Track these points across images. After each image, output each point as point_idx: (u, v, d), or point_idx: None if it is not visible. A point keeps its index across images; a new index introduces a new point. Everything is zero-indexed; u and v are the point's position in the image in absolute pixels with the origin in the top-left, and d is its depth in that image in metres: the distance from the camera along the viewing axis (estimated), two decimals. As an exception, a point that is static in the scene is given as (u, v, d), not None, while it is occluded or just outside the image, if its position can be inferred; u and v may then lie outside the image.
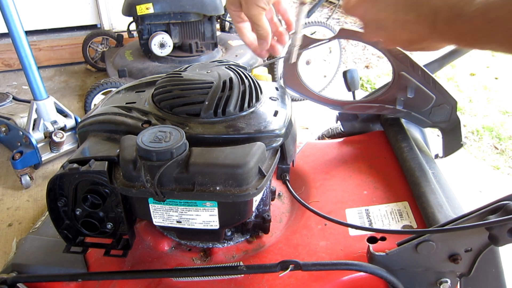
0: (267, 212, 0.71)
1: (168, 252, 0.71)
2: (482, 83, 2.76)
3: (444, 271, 0.61)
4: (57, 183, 0.59)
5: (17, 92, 2.58)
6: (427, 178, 0.75)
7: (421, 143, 0.93)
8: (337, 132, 1.17)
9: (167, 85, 0.64)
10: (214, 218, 0.57)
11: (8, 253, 1.43)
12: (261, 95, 0.67)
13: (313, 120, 2.27)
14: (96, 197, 0.59)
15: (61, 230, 0.62)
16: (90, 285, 0.66)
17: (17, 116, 1.81)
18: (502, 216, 0.51)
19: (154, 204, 0.56)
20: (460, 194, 0.75)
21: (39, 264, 0.69)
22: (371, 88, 2.74)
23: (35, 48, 2.80)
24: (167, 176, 0.52)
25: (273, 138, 0.60)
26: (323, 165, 0.90)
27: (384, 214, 0.73)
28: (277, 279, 0.62)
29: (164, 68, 2.19)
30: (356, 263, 0.58)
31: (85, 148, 0.62)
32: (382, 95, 0.90)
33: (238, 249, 0.71)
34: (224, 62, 0.71)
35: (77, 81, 2.78)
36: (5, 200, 1.70)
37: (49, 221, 0.68)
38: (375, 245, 0.65)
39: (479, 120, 2.35)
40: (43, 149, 1.78)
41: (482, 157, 2.04)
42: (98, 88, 2.00)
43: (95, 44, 2.75)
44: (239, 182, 0.53)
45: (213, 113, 0.60)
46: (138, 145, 0.51)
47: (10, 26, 1.55)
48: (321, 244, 0.69)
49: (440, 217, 0.65)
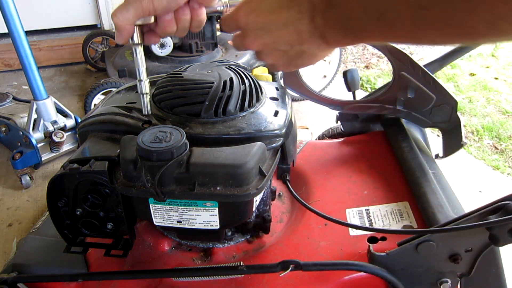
0: (268, 212, 0.71)
1: (169, 252, 0.71)
2: (482, 83, 2.76)
3: (444, 271, 0.61)
4: (57, 183, 0.59)
5: (17, 92, 2.58)
6: (427, 178, 0.75)
7: (421, 143, 0.93)
8: (337, 132, 1.18)
9: (168, 85, 0.64)
10: (214, 218, 0.57)
11: (8, 253, 1.43)
12: (261, 95, 0.67)
13: (313, 120, 2.27)
14: (96, 197, 0.59)
15: (62, 230, 0.62)
16: (91, 285, 0.66)
17: (17, 116, 1.81)
18: (502, 216, 0.51)
19: (155, 204, 0.56)
20: (460, 194, 0.75)
21: (39, 264, 0.69)
22: (371, 88, 2.74)
23: (35, 48, 2.80)
24: (168, 176, 0.52)
25: (274, 138, 0.60)
26: (323, 165, 0.90)
27: (384, 214, 0.73)
28: (277, 279, 0.62)
29: (164, 68, 2.18)
30: (356, 263, 0.58)
31: (86, 148, 0.62)
32: (382, 95, 0.90)
33: (238, 249, 0.71)
34: (224, 62, 0.71)
35: (77, 81, 2.78)
36: (5, 200, 1.70)
37: (49, 221, 0.68)
38: (375, 245, 0.65)
39: (479, 120, 2.35)
40: (43, 149, 1.78)
41: (482, 157, 2.04)
42: (98, 88, 2.00)
43: (95, 44, 2.75)
44: (239, 182, 0.53)
45: (213, 113, 0.60)
46: (138, 145, 0.51)
47: (10, 26, 1.55)
48: (321, 244, 0.69)
49: (441, 217, 0.65)
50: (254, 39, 0.48)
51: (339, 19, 0.40)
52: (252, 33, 0.47)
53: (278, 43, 0.47)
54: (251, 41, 0.48)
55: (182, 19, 0.54)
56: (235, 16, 0.48)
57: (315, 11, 0.41)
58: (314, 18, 0.41)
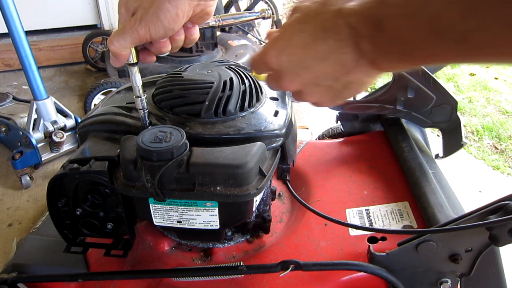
0: (268, 212, 0.71)
1: (169, 252, 0.71)
2: (482, 83, 2.76)
3: (444, 271, 0.61)
4: (57, 183, 0.59)
5: (17, 92, 2.58)
6: (427, 178, 0.75)
7: (421, 143, 0.93)
8: (338, 132, 1.18)
9: (168, 85, 0.64)
10: (214, 218, 0.57)
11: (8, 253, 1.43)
12: (261, 95, 0.67)
13: (313, 120, 2.27)
14: (96, 197, 0.59)
15: (62, 230, 0.62)
16: (91, 285, 0.66)
17: (17, 116, 1.81)
18: (502, 216, 0.51)
19: (155, 204, 0.56)
20: (460, 194, 0.75)
21: (39, 264, 0.69)
22: (371, 88, 2.74)
23: (35, 48, 2.80)
24: (168, 176, 0.52)
25: (274, 138, 0.60)
26: (323, 165, 0.90)
27: (384, 214, 0.73)
28: (277, 279, 0.62)
29: (164, 68, 2.18)
30: (356, 263, 0.58)
31: (86, 148, 0.62)
32: (382, 95, 0.90)
33: (238, 249, 0.71)
34: (224, 62, 0.71)
35: (77, 81, 2.78)
36: (5, 200, 1.70)
37: (50, 221, 0.68)
38: (375, 245, 0.65)
39: (479, 120, 2.35)
40: (43, 149, 1.78)
41: (482, 157, 2.04)
42: (98, 88, 2.00)
43: (95, 44, 2.75)
44: (239, 182, 0.53)
45: (213, 113, 0.60)
46: (138, 145, 0.51)
47: (10, 26, 1.55)
48: (321, 244, 0.69)
49: (441, 217, 0.65)
50: (291, 80, 0.43)
51: (393, 42, 0.34)
52: (288, 74, 0.43)
53: (319, 79, 0.42)
54: (289, 82, 0.44)
55: (176, 40, 0.54)
56: (265, 59, 0.44)
57: (358, 37, 0.36)
58: (359, 45, 0.37)
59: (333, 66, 0.39)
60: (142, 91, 0.57)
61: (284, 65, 0.43)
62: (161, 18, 0.49)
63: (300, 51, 0.40)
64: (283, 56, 0.42)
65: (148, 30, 0.49)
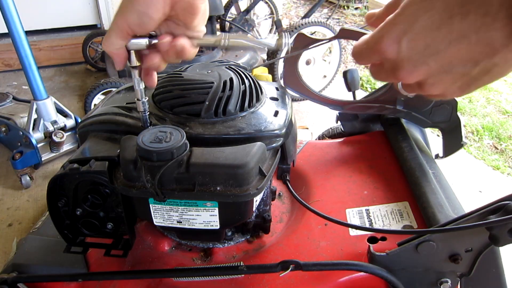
0: (268, 212, 0.71)
1: (169, 252, 0.71)
2: (482, 83, 2.75)
3: (444, 271, 0.61)
4: (57, 183, 0.59)
5: (17, 92, 2.58)
6: (427, 178, 0.75)
7: (421, 143, 0.93)
8: (338, 132, 1.18)
9: (168, 85, 0.64)
10: (214, 218, 0.57)
11: (8, 253, 1.43)
12: (261, 95, 0.67)
13: (313, 120, 2.27)
14: (96, 197, 0.59)
15: (62, 230, 0.62)
16: (91, 285, 0.66)
17: (17, 116, 1.81)
18: (502, 216, 0.51)
19: (155, 204, 0.56)
20: (460, 194, 0.75)
21: (39, 264, 0.69)
22: (371, 88, 2.74)
23: (35, 48, 2.80)
24: (168, 176, 0.52)
25: (274, 138, 0.60)
26: (323, 165, 0.90)
27: (384, 214, 0.73)
28: (277, 279, 0.62)
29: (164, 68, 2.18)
30: (356, 263, 0.58)
31: (86, 148, 0.62)
32: (382, 95, 0.90)
33: (238, 249, 0.71)
34: (224, 62, 0.71)
35: (77, 81, 2.78)
36: (5, 200, 1.70)
37: (50, 221, 0.68)
38: (375, 245, 0.65)
39: (479, 120, 2.35)
40: (43, 149, 1.78)
41: (482, 157, 2.04)
42: (98, 88, 2.00)
43: (95, 44, 2.75)
44: (239, 182, 0.53)
45: (213, 113, 0.60)
46: (138, 145, 0.51)
47: (10, 26, 1.55)
48: (321, 244, 0.69)
49: (441, 217, 0.65)
50: (413, 70, 0.37)
51: None
52: (410, 63, 0.36)
53: (451, 65, 0.35)
54: (409, 73, 0.37)
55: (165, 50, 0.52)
56: (379, 47, 0.38)
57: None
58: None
59: (473, 47, 0.33)
60: (144, 94, 0.57)
61: (404, 52, 0.36)
62: (133, 3, 0.48)
63: (429, 33, 0.34)
64: (403, 42, 0.36)
65: (125, 20, 0.48)
